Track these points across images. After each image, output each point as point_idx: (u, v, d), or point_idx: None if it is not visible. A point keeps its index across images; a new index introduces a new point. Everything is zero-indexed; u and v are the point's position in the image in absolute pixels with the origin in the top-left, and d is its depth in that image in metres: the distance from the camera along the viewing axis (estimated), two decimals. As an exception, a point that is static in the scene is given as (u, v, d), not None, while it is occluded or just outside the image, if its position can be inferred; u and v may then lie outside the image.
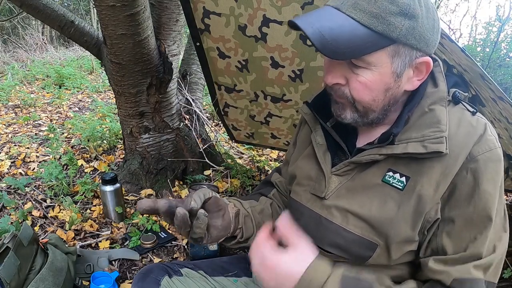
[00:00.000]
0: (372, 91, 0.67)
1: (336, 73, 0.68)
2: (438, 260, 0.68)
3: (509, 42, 5.49)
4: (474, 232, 0.66)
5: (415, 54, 0.65)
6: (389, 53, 0.63)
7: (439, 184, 0.67)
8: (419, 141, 0.67)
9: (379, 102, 0.68)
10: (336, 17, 0.63)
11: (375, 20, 0.61)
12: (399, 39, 0.62)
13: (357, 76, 0.66)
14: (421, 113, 0.70)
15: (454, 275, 0.66)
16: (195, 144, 2.19)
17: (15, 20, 8.00)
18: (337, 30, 0.61)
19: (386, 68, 0.65)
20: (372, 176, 0.73)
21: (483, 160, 0.65)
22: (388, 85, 0.67)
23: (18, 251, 1.15)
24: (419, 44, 0.64)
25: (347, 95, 0.69)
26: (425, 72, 0.68)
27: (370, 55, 0.63)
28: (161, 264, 0.98)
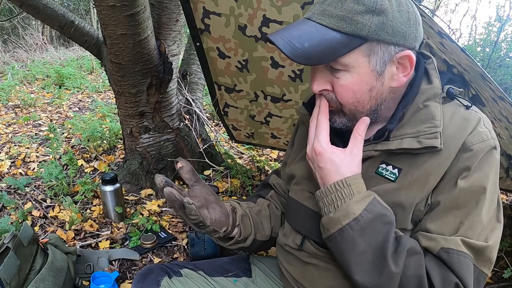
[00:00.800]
0: (355, 93, 0.67)
1: (320, 80, 0.69)
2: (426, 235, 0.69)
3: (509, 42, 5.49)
4: (459, 216, 0.66)
5: (394, 50, 0.65)
6: (363, 52, 0.64)
7: (430, 175, 0.67)
8: (414, 136, 0.68)
9: (365, 103, 0.69)
10: (306, 26, 0.65)
11: (343, 23, 0.62)
12: (370, 37, 0.62)
13: (338, 80, 0.67)
14: (416, 110, 0.71)
15: (441, 244, 0.66)
16: (195, 144, 2.19)
17: (15, 20, 8.00)
18: (306, 36, 0.63)
19: (364, 68, 0.65)
20: (366, 169, 0.74)
21: (476, 149, 0.65)
22: (370, 84, 0.67)
23: (18, 251, 1.15)
24: (394, 38, 0.64)
25: (334, 99, 0.70)
26: (409, 66, 0.68)
27: (345, 56, 0.63)
28: (161, 264, 0.98)
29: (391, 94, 0.71)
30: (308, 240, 0.82)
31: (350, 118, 0.72)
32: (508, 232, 1.81)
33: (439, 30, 0.84)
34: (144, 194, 2.08)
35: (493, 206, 0.68)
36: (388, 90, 0.70)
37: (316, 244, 0.80)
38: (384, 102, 0.71)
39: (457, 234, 0.66)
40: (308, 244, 0.82)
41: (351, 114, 0.71)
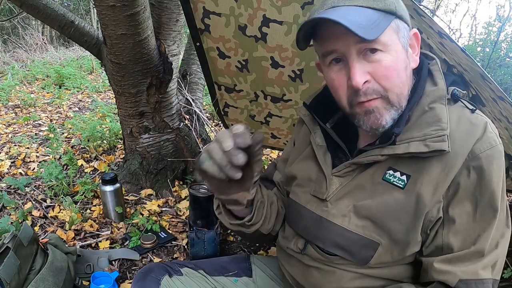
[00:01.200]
0: (398, 72, 0.67)
1: (361, 71, 0.66)
2: (443, 261, 0.68)
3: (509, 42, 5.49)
4: (478, 229, 0.66)
5: (407, 28, 0.68)
6: (394, 29, 0.66)
7: (439, 182, 0.67)
8: (421, 140, 0.66)
9: (405, 83, 0.69)
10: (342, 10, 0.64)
11: (373, 1, 0.64)
12: (397, 12, 0.65)
13: (380, 63, 0.65)
14: (422, 112, 0.70)
15: (460, 276, 0.66)
16: (195, 144, 2.19)
17: (15, 20, 7.99)
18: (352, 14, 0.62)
19: (397, 45, 0.66)
20: (373, 175, 0.72)
21: (485, 157, 0.65)
22: (405, 61, 0.68)
23: (18, 251, 1.15)
24: (406, 16, 0.67)
25: (378, 89, 0.66)
26: (417, 45, 0.71)
27: (384, 34, 0.63)
28: (161, 263, 0.98)
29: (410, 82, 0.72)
30: (311, 245, 0.80)
31: (397, 107, 0.68)
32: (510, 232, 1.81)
33: (439, 30, 0.84)
34: (144, 194, 2.08)
35: (503, 213, 0.68)
36: (411, 72, 0.71)
37: (319, 249, 0.79)
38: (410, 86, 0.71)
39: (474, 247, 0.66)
40: (311, 249, 0.80)
41: (397, 101, 0.68)
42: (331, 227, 0.75)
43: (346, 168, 0.76)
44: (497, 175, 0.65)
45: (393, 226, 0.69)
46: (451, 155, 0.66)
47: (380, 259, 0.72)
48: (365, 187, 0.73)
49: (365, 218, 0.72)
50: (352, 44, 0.64)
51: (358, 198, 0.73)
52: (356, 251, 0.73)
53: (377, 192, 0.71)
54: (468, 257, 0.66)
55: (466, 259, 0.67)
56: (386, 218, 0.70)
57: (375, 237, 0.71)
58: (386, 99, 0.67)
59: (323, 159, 0.80)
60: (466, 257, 0.67)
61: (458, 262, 0.67)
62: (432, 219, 0.68)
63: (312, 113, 0.83)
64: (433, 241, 0.70)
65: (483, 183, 0.65)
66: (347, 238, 0.74)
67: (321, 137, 0.82)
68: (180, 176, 2.17)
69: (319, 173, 0.80)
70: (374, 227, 0.71)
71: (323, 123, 0.81)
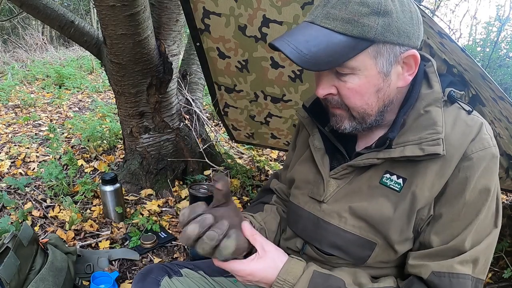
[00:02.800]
0: (363, 95, 0.66)
1: (325, 85, 0.68)
2: (417, 255, 0.69)
3: (509, 42, 5.48)
4: (459, 227, 0.66)
5: (399, 50, 0.65)
6: (370, 54, 0.63)
7: (434, 184, 0.67)
8: (416, 143, 0.67)
9: (373, 105, 0.68)
10: (311, 30, 0.63)
11: (349, 25, 0.61)
12: (376, 39, 0.61)
13: (345, 84, 0.66)
14: (417, 116, 0.70)
15: (433, 268, 0.66)
16: (195, 144, 2.19)
17: (15, 20, 7.99)
18: (312, 42, 0.62)
19: (371, 70, 0.64)
20: (370, 178, 0.73)
21: (477, 158, 0.65)
22: (378, 86, 0.66)
23: (18, 251, 1.15)
24: (399, 39, 0.63)
25: (340, 102, 0.69)
26: (414, 65, 0.67)
27: (353, 60, 0.62)
28: (161, 264, 0.98)
29: (397, 95, 0.71)
30: (309, 246, 0.81)
31: (359, 121, 0.70)
32: (508, 232, 1.81)
33: (439, 30, 0.84)
34: (144, 194, 2.08)
35: (491, 212, 0.67)
36: (395, 91, 0.69)
37: (317, 250, 0.79)
38: (391, 103, 0.70)
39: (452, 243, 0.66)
40: (310, 249, 0.81)
41: (360, 117, 0.70)
42: (328, 227, 0.76)
43: (343, 170, 0.76)
44: (485, 176, 0.65)
45: (389, 228, 0.70)
46: (446, 158, 0.66)
47: (377, 258, 0.73)
48: (362, 190, 0.74)
49: (361, 219, 0.73)
50: None
51: (355, 200, 0.74)
52: (353, 251, 0.74)
53: (374, 195, 0.71)
54: (444, 253, 0.66)
55: (442, 254, 0.67)
56: (382, 221, 0.70)
57: (371, 237, 0.72)
58: (348, 112, 0.70)
59: (321, 161, 0.80)
60: (442, 252, 0.67)
61: (433, 256, 0.67)
62: (423, 217, 0.69)
63: (311, 116, 0.84)
64: (418, 238, 0.71)
65: (471, 183, 0.65)
66: (344, 238, 0.74)
67: (319, 139, 0.82)
68: (180, 176, 2.17)
69: (317, 175, 0.81)
70: (370, 228, 0.72)
71: (321, 126, 0.82)
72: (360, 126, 0.71)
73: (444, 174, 0.66)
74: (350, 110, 0.69)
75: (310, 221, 0.80)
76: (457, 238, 0.66)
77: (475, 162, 0.64)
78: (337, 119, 0.72)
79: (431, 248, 0.68)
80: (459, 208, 0.66)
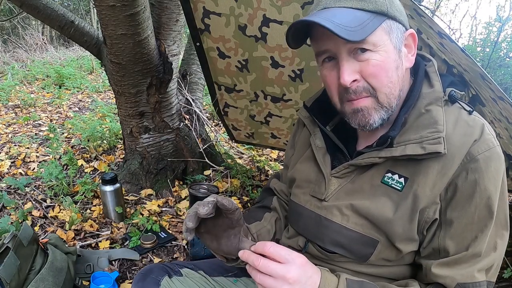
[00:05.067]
0: (387, 71, 0.67)
1: (349, 70, 0.67)
2: (441, 264, 0.69)
3: (509, 42, 5.48)
4: (475, 231, 0.66)
5: (402, 28, 0.68)
6: (385, 30, 0.66)
7: (435, 183, 0.67)
8: (417, 142, 0.67)
9: (395, 84, 0.69)
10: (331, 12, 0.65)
11: (364, 2, 0.64)
12: (389, 13, 0.65)
13: (368, 62, 0.66)
14: (418, 114, 0.70)
15: (458, 280, 0.66)
16: (195, 144, 2.19)
17: (15, 20, 7.99)
18: (339, 16, 0.63)
19: (388, 45, 0.66)
20: (371, 177, 0.73)
21: (483, 159, 0.65)
22: (396, 61, 0.68)
23: (18, 251, 1.15)
24: (401, 16, 0.68)
25: (367, 87, 0.67)
26: (413, 45, 0.71)
27: (373, 34, 0.64)
28: (161, 264, 0.98)
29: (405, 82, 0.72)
30: (311, 244, 0.81)
31: (386, 108, 0.69)
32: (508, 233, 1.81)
33: (439, 30, 0.84)
34: (144, 194, 2.08)
35: (503, 214, 0.68)
36: (404, 72, 0.71)
37: (319, 248, 0.79)
38: (403, 87, 0.72)
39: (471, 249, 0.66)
40: (312, 247, 0.81)
41: (387, 101, 0.69)
42: (330, 225, 0.76)
43: (344, 169, 0.76)
44: (495, 176, 0.65)
45: (391, 227, 0.70)
46: (448, 157, 0.66)
47: (380, 255, 0.73)
48: (364, 189, 0.74)
49: (363, 217, 0.73)
50: (342, 44, 0.65)
51: (357, 199, 0.74)
52: (356, 248, 0.74)
53: (376, 195, 0.72)
54: (466, 260, 0.67)
55: (463, 262, 0.67)
56: (384, 220, 0.70)
57: (374, 234, 0.72)
58: (375, 98, 0.68)
59: (323, 160, 0.80)
60: (464, 259, 0.67)
61: (456, 265, 0.67)
62: (428, 220, 0.69)
63: (312, 116, 0.84)
64: (430, 243, 0.71)
65: (481, 185, 0.65)
66: (346, 236, 0.74)
67: (320, 139, 0.83)
68: (180, 176, 2.17)
69: (319, 174, 0.81)
70: (372, 226, 0.72)
71: (323, 125, 0.82)
72: (386, 113, 0.70)
73: (446, 173, 0.66)
74: (377, 92, 0.68)
75: (311, 219, 0.80)
76: (476, 244, 0.66)
77: (482, 164, 0.64)
78: (364, 113, 0.69)
79: (447, 252, 0.68)
80: (471, 211, 0.66)
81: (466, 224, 0.66)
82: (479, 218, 0.66)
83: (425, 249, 0.72)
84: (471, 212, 0.66)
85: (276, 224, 0.96)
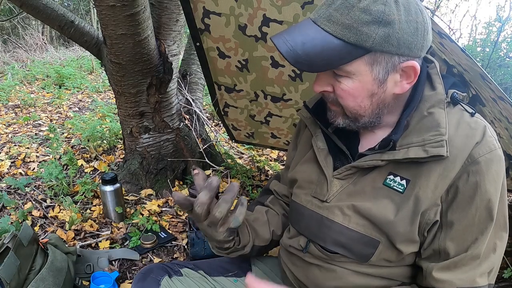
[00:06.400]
0: (356, 98, 0.68)
1: (322, 82, 0.70)
2: (441, 269, 0.69)
3: (509, 42, 5.48)
4: (475, 233, 0.66)
5: (398, 60, 0.64)
6: (366, 61, 0.63)
7: (437, 186, 0.67)
8: (420, 145, 0.67)
9: (366, 107, 0.69)
10: (310, 31, 0.64)
11: (347, 32, 0.61)
12: (373, 48, 0.61)
13: (339, 84, 0.67)
14: (421, 117, 0.70)
15: (456, 284, 0.67)
16: (195, 144, 2.19)
17: (15, 20, 7.99)
18: (309, 44, 0.62)
19: (365, 76, 0.65)
20: (373, 179, 0.73)
21: (484, 161, 0.65)
22: (372, 91, 0.67)
23: (18, 251, 1.15)
24: (399, 50, 0.62)
25: (336, 100, 0.71)
26: (413, 76, 0.67)
27: (348, 64, 0.63)
28: (161, 264, 0.98)
29: (395, 100, 0.71)
30: (313, 244, 0.81)
31: (352, 120, 0.73)
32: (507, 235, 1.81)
33: (439, 30, 0.84)
34: (144, 194, 2.08)
35: (503, 216, 0.68)
36: (391, 96, 0.69)
37: (321, 248, 0.79)
38: (386, 107, 0.71)
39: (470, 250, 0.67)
40: (313, 247, 0.81)
41: (353, 116, 0.72)
42: (332, 225, 0.76)
43: (347, 171, 0.76)
44: (496, 179, 0.65)
45: (392, 229, 0.70)
46: (450, 159, 0.66)
47: (381, 256, 0.73)
48: (366, 191, 0.74)
49: (365, 218, 0.73)
50: None
51: (358, 200, 0.74)
52: (357, 249, 0.74)
53: (378, 197, 0.72)
54: (465, 262, 0.67)
55: (463, 264, 0.67)
56: (385, 222, 0.70)
57: (375, 235, 0.72)
58: (342, 110, 0.72)
59: (325, 161, 0.80)
60: (463, 262, 0.67)
61: (456, 268, 0.68)
62: (429, 221, 0.69)
63: (314, 117, 0.84)
64: (431, 245, 0.71)
65: (481, 187, 0.65)
66: (348, 236, 0.75)
67: (322, 140, 0.83)
68: (180, 176, 2.17)
69: (320, 175, 0.81)
70: (374, 226, 0.72)
71: (325, 127, 0.82)
72: (353, 124, 0.73)
73: (447, 175, 0.66)
74: (344, 109, 0.71)
75: (313, 219, 0.80)
76: (476, 245, 0.66)
77: (484, 166, 0.65)
78: (332, 114, 0.75)
79: (447, 254, 0.68)
80: (472, 213, 0.66)
81: (467, 226, 0.66)
82: (479, 220, 0.66)
83: (425, 251, 0.72)
84: (472, 214, 0.66)
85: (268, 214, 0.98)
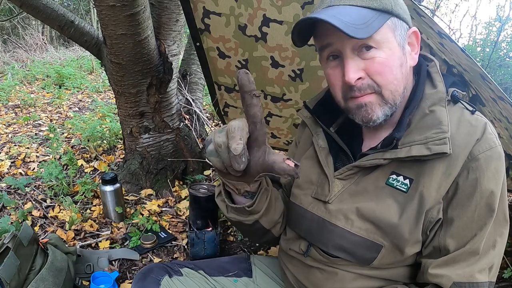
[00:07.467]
0: (392, 68, 0.67)
1: (354, 68, 0.67)
2: (438, 265, 0.69)
3: (509, 42, 5.48)
4: (474, 229, 0.66)
5: (406, 26, 0.69)
6: (390, 27, 0.66)
7: (440, 184, 0.67)
8: (422, 143, 0.67)
9: (400, 80, 0.69)
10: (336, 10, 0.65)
11: (368, 0, 0.65)
12: (393, 11, 0.66)
13: (373, 60, 0.66)
14: (422, 115, 0.70)
15: (454, 279, 0.66)
16: (195, 144, 2.19)
17: (15, 20, 7.99)
18: (344, 13, 0.63)
19: (393, 43, 0.67)
20: (376, 179, 0.73)
21: (484, 158, 0.65)
22: (401, 59, 0.68)
23: (18, 251, 1.15)
24: (404, 14, 0.68)
25: (372, 85, 0.67)
26: (416, 44, 0.71)
27: (378, 32, 0.64)
28: (161, 264, 0.98)
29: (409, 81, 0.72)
30: (314, 248, 0.80)
31: (390, 104, 0.69)
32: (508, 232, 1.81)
33: (439, 30, 0.84)
34: (144, 194, 2.08)
35: (502, 213, 0.68)
36: (408, 71, 0.71)
37: (322, 252, 0.79)
38: (407, 84, 0.72)
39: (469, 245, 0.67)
40: (314, 251, 0.80)
41: (391, 98, 0.68)
42: (334, 229, 0.76)
43: (348, 171, 0.76)
44: (495, 176, 0.65)
45: (397, 230, 0.70)
46: (452, 157, 0.66)
47: (383, 260, 0.73)
48: (368, 191, 0.73)
49: (368, 221, 0.72)
50: (346, 41, 0.66)
51: (361, 201, 0.73)
52: (360, 253, 0.74)
53: (381, 197, 0.71)
54: (463, 258, 0.67)
55: (461, 260, 0.67)
56: (390, 223, 0.70)
57: (378, 239, 0.72)
58: (380, 94, 0.69)
59: (325, 161, 0.80)
60: (461, 257, 0.67)
61: (453, 263, 0.67)
62: (432, 220, 0.68)
63: (315, 117, 0.84)
64: (431, 242, 0.71)
65: (481, 184, 0.65)
66: (350, 241, 0.74)
67: (323, 139, 0.82)
68: (180, 176, 2.17)
69: (321, 175, 0.80)
70: (377, 230, 0.72)
71: (326, 127, 0.81)
72: (390, 110, 0.70)
73: (450, 173, 0.66)
74: (382, 89, 0.68)
75: (314, 222, 0.79)
76: (474, 241, 0.66)
77: (483, 163, 0.65)
78: (367, 109, 0.69)
79: (447, 251, 0.68)
80: (472, 210, 0.66)
81: (466, 222, 0.67)
82: (479, 217, 0.66)
83: (426, 248, 0.71)
84: (471, 210, 0.66)
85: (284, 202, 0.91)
